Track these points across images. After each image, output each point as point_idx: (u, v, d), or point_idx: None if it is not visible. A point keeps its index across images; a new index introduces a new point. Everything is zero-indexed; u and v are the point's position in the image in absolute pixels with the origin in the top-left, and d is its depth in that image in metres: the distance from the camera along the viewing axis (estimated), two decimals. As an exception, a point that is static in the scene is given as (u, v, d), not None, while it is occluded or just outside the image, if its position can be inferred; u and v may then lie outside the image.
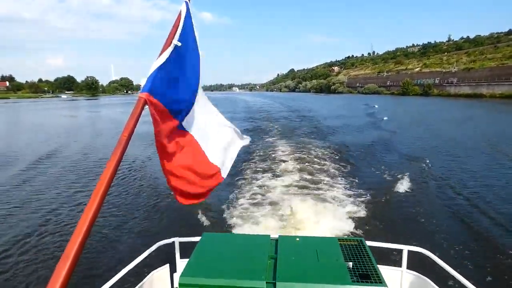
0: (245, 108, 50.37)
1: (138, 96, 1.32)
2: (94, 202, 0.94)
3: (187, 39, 1.64)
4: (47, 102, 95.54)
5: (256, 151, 15.11)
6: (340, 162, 12.93)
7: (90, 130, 26.99)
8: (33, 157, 15.04)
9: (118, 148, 1.12)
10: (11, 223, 7.76)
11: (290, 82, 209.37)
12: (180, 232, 6.25)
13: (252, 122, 29.18)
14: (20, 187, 10.69)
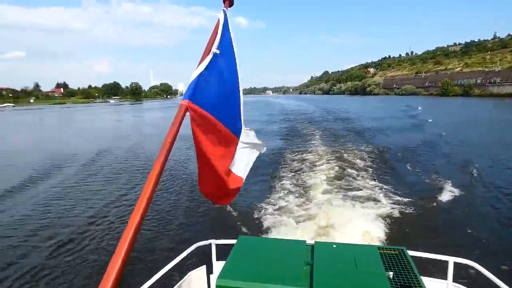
0: (280, 110, 50.25)
1: (180, 103, 1.35)
2: (142, 203, 0.98)
3: (226, 46, 1.65)
4: (98, 107, 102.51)
5: (291, 153, 14.87)
6: (380, 166, 12.29)
7: (135, 132, 28.21)
8: (88, 158, 16.00)
9: (163, 153, 1.15)
10: (66, 220, 8.24)
11: (324, 85, 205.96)
12: (216, 234, 6.23)
13: (287, 123, 29.01)
14: (74, 185, 11.38)
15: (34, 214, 8.72)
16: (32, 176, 12.72)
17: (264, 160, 13.00)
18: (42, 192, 10.78)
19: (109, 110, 76.07)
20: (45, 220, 8.29)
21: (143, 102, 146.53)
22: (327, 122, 29.59)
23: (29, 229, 7.72)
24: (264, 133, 22.04)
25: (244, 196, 8.76)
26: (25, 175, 12.88)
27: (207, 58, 1.47)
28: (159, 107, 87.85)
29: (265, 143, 2.42)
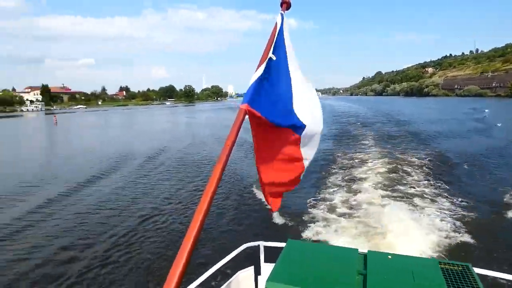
0: (331, 112, 49.06)
1: (239, 107, 1.37)
2: (204, 205, 1.01)
3: (282, 50, 1.66)
4: (156, 108, 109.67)
5: (342, 156, 14.39)
6: (441, 172, 11.33)
7: (188, 133, 29.32)
8: (147, 156, 16.84)
9: (223, 156, 1.17)
10: (128, 216, 8.62)
11: (376, 85, 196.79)
12: (264, 236, 6.04)
13: (337, 125, 28.20)
14: (134, 183, 11.98)
15: (100, 205, 9.43)
16: (102, 171, 13.82)
17: (314, 163, 12.72)
18: (113, 184, 11.63)
19: (165, 112, 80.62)
20: (112, 211, 8.91)
21: (195, 104, 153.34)
22: (380, 124, 28.19)
23: (97, 217, 8.44)
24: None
25: (293, 199, 8.64)
26: (93, 170, 14.07)
27: (265, 63, 1.49)
28: (210, 108, 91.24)
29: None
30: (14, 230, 7.83)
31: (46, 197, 10.26)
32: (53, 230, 7.80)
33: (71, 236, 7.41)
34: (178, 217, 8.22)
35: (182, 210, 8.62)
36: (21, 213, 9.01)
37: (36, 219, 8.56)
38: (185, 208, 8.76)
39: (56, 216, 8.74)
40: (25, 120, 68.23)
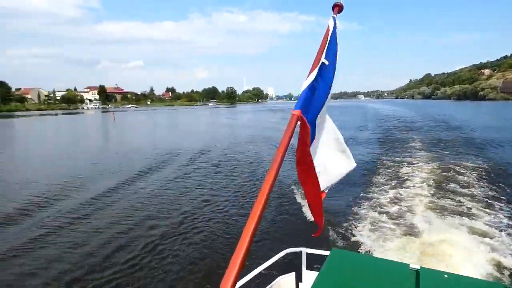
0: (374, 115, 47.19)
1: (292, 113, 1.34)
2: (256, 213, 1.00)
3: (333, 54, 1.63)
4: (200, 109, 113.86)
5: (389, 162, 13.66)
6: (502, 184, 10.19)
7: (230, 133, 29.86)
8: (192, 155, 17.24)
9: (275, 164, 1.14)
10: (177, 216, 8.72)
11: (425, 88, 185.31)
12: (305, 242, 5.76)
13: (383, 129, 26.97)
14: (180, 181, 12.20)
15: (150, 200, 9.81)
16: (149, 166, 14.44)
17: (357, 168, 12.22)
18: (163, 179, 12.04)
19: (208, 112, 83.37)
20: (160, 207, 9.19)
21: (236, 105, 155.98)
22: (431, 130, 26.30)
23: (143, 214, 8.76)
24: (357, 139, 20.86)
25: (336, 206, 8.35)
26: (145, 164, 14.71)
27: (317, 68, 1.45)
28: (251, 110, 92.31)
29: (358, 151, 2.18)
30: (76, 217, 8.45)
31: (116, 184, 11.50)
32: (108, 217, 8.35)
33: (122, 225, 7.86)
34: (221, 220, 8.18)
35: (224, 214, 8.55)
36: (97, 193, 10.41)
37: (106, 202, 9.51)
38: (226, 213, 8.66)
39: (115, 203, 9.48)
40: (87, 117, 75.06)
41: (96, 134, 34.78)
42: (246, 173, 12.81)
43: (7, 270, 5.89)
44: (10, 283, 5.47)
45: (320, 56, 1.50)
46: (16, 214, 8.75)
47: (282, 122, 39.94)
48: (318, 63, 1.47)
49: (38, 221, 8.17)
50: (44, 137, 32.74)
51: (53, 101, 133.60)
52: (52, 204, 9.58)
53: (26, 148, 24.49)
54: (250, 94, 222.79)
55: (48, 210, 9.02)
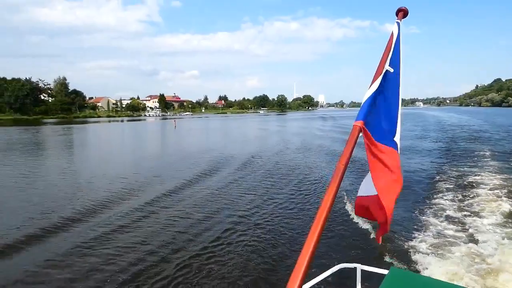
0: (436, 123, 44.17)
1: (353, 124, 1.30)
2: (317, 228, 0.99)
3: (397, 62, 1.55)
4: (250, 116, 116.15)
5: (454, 174, 12.77)
6: None
7: (280, 140, 29.98)
8: (246, 160, 17.76)
9: (336, 176, 1.12)
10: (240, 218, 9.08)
11: (494, 95, 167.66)
12: (360, 258, 5.86)
13: (446, 139, 25.14)
14: (234, 184, 12.58)
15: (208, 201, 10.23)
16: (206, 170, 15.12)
17: (420, 180, 11.90)
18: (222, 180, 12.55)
19: (258, 120, 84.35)
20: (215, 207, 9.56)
21: (287, 113, 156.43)
22: (502, 140, 23.92)
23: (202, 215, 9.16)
24: (416, 148, 19.92)
25: (397, 218, 7.96)
26: (203, 167, 15.37)
27: (380, 77, 1.40)
28: (301, 118, 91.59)
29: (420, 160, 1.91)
30: (136, 217, 8.71)
31: (177, 185, 12.04)
32: (168, 218, 8.64)
33: (180, 226, 8.08)
34: (275, 226, 8.03)
35: (279, 221, 8.37)
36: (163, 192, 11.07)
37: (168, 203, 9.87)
38: (280, 220, 8.47)
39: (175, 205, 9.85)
40: (150, 123, 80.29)
41: (162, 138, 37.74)
42: (298, 180, 12.74)
43: (80, 263, 6.17)
44: (78, 276, 5.71)
45: (383, 64, 1.44)
46: (92, 208, 9.39)
47: (334, 130, 39.36)
48: (381, 71, 1.42)
49: (104, 220, 8.54)
50: (119, 140, 36.44)
51: (119, 109, 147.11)
52: (121, 202, 10.15)
53: (103, 149, 27.29)
54: (300, 102, 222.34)
55: (119, 207, 9.61)
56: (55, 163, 18.80)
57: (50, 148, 27.91)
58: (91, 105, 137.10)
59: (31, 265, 6.14)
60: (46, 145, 29.90)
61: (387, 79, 1.46)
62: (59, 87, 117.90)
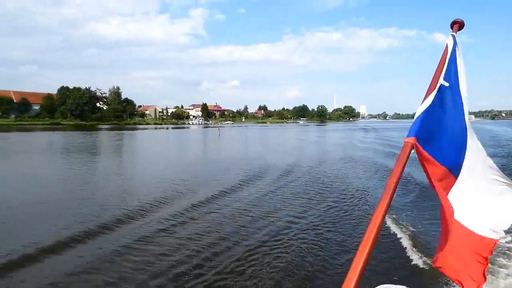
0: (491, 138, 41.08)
1: (405, 140, 1.25)
2: (366, 247, 0.97)
3: (453, 76, 1.47)
4: (290, 126, 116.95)
5: None
6: None
7: (319, 151, 29.95)
8: (285, 170, 17.78)
9: (387, 194, 1.08)
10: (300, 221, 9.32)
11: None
12: (403, 280, 5.43)
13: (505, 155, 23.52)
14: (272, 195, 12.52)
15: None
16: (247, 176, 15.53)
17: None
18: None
19: (297, 130, 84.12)
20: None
21: (327, 123, 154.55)
22: None
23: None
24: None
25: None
26: (244, 175, 15.84)
27: (434, 91, 1.35)
28: (342, 128, 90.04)
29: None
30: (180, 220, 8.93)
31: (221, 191, 12.33)
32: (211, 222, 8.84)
33: (220, 231, 8.17)
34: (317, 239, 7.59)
35: (320, 232, 8.05)
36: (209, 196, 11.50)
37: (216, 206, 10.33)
38: (322, 232, 8.14)
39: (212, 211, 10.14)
40: (195, 131, 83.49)
41: (208, 145, 39.45)
42: (338, 193, 12.23)
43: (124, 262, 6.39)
44: (124, 275, 5.87)
45: (437, 78, 1.38)
46: (137, 210, 9.74)
47: (376, 142, 37.89)
48: (435, 86, 1.37)
49: (147, 222, 8.81)
50: (171, 146, 38.76)
51: (165, 117, 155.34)
52: (168, 203, 10.62)
53: (157, 154, 28.89)
54: (340, 113, 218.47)
55: (165, 209, 10.02)
56: (116, 164, 20.86)
57: (110, 151, 30.83)
58: (140, 112, 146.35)
59: (112, 247, 7.04)
60: (107, 149, 32.99)
61: (443, 94, 1.40)
62: (113, 95, 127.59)
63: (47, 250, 6.92)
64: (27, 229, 8.23)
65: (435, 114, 1.35)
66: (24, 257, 6.52)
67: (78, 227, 8.18)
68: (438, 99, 1.36)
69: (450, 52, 1.45)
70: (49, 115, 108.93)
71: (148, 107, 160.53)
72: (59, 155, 26.17)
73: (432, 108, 1.32)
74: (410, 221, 8.56)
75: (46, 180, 15.10)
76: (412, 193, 11.66)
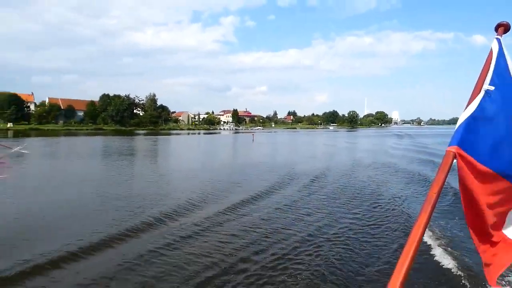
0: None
1: (446, 149, 1.19)
2: (405, 261, 0.93)
3: (501, 80, 1.37)
4: (320, 132, 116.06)
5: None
6: None
7: (350, 159, 29.20)
8: (314, 177, 17.86)
9: (428, 206, 1.05)
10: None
11: None
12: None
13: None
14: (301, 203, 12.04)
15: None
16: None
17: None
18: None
19: (328, 136, 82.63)
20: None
21: (358, 129, 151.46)
22: None
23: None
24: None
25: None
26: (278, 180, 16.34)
27: (478, 97, 1.28)
28: (374, 135, 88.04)
29: None
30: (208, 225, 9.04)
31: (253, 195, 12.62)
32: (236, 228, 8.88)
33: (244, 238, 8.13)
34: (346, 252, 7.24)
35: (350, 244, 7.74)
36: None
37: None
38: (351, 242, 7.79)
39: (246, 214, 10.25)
40: (228, 136, 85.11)
41: (244, 150, 39.99)
42: (370, 202, 11.88)
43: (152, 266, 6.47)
44: (149, 280, 5.93)
45: (481, 83, 1.32)
46: (171, 213, 10.06)
47: (410, 149, 36.54)
48: (479, 91, 1.31)
49: (178, 225, 9.02)
50: (209, 150, 39.99)
51: (197, 122, 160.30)
52: (201, 207, 11.01)
53: (197, 157, 30.12)
54: (372, 118, 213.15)
55: (200, 212, 10.38)
56: (157, 166, 22.57)
57: (151, 154, 32.78)
58: (174, 118, 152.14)
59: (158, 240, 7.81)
60: (149, 152, 35.00)
61: (490, 100, 1.30)
62: (150, 102, 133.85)
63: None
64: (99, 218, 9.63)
65: (483, 121, 1.28)
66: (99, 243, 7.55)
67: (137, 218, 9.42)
68: (484, 105, 1.29)
69: (496, 57, 1.39)
70: (92, 120, 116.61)
71: (181, 113, 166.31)
72: (118, 157, 28.14)
73: (477, 114, 1.26)
74: (448, 232, 8.35)
75: (117, 180, 16.59)
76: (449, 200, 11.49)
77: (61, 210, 10.60)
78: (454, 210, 10.23)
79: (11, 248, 7.31)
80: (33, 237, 8.07)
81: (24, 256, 6.70)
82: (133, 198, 12.25)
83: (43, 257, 6.66)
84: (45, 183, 15.73)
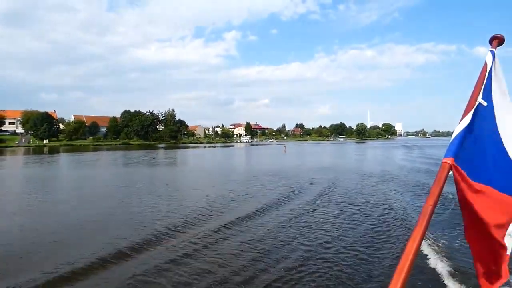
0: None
1: (442, 161, 1.15)
2: (400, 275, 0.91)
3: (493, 94, 1.35)
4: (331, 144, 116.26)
5: None
6: None
7: (359, 167, 29.09)
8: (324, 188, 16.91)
9: (423, 218, 1.01)
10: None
11: None
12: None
13: None
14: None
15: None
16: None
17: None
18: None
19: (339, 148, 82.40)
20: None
21: (366, 141, 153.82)
22: None
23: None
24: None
25: None
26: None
27: (472, 111, 1.25)
28: (381, 146, 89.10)
29: None
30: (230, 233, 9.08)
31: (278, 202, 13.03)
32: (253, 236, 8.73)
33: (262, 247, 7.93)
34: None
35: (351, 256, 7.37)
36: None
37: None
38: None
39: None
40: (250, 148, 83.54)
41: (283, 162, 36.62)
42: (379, 212, 11.45)
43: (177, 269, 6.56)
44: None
45: (476, 96, 1.29)
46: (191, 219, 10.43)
47: (420, 161, 35.00)
48: (473, 104, 1.27)
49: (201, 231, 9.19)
50: (244, 163, 39.01)
51: (214, 136, 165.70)
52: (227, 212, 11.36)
53: (236, 169, 29.47)
54: (379, 130, 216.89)
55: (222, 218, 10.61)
56: (191, 179, 22.94)
57: (185, 166, 34.41)
58: (190, 132, 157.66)
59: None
60: (180, 164, 36.66)
61: (480, 114, 1.29)
62: (169, 117, 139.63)
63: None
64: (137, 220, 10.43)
65: (473, 135, 1.26)
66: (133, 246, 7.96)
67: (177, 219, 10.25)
68: (476, 119, 1.27)
69: (489, 70, 1.35)
70: (114, 135, 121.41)
71: (195, 126, 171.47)
72: (163, 167, 31.92)
73: (470, 128, 1.24)
74: (445, 241, 8.08)
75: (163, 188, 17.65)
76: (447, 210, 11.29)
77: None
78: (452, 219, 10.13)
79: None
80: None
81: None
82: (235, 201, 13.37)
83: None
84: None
